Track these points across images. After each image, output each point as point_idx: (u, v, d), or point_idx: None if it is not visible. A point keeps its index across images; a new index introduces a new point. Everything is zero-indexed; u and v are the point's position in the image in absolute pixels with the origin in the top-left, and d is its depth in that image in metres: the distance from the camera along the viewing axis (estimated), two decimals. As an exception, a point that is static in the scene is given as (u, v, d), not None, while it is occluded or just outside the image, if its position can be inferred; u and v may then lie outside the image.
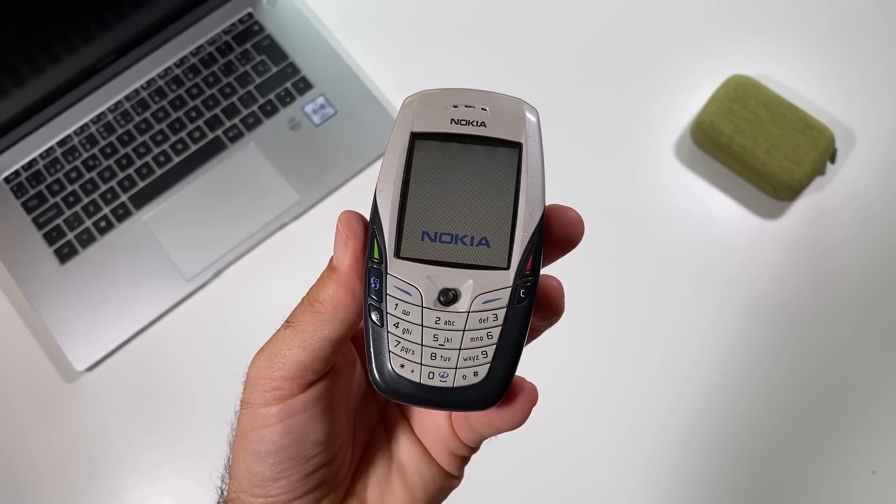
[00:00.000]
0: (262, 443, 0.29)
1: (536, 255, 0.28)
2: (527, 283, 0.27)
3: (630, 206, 0.72)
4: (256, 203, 0.72)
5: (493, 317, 0.27)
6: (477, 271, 0.28)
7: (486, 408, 0.28)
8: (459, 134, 0.28)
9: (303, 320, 0.28)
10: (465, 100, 0.29)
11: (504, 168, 0.28)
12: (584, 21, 0.79)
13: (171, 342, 0.70)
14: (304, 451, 0.29)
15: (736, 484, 0.65)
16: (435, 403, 0.28)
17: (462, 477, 0.34)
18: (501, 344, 0.27)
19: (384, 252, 0.27)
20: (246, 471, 0.30)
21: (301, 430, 0.29)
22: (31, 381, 0.69)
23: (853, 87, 0.75)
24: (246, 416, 0.29)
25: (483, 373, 0.27)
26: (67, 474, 0.67)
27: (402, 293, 0.27)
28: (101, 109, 0.75)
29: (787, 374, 0.67)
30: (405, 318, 0.27)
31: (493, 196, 0.28)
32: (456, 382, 0.27)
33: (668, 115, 0.75)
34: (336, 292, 0.28)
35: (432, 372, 0.27)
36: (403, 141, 0.28)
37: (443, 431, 0.32)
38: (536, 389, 0.29)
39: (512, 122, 0.29)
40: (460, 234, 0.28)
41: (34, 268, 0.71)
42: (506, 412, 0.29)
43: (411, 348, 0.27)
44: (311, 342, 0.28)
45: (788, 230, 0.71)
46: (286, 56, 0.77)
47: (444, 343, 0.27)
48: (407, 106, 0.29)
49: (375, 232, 0.28)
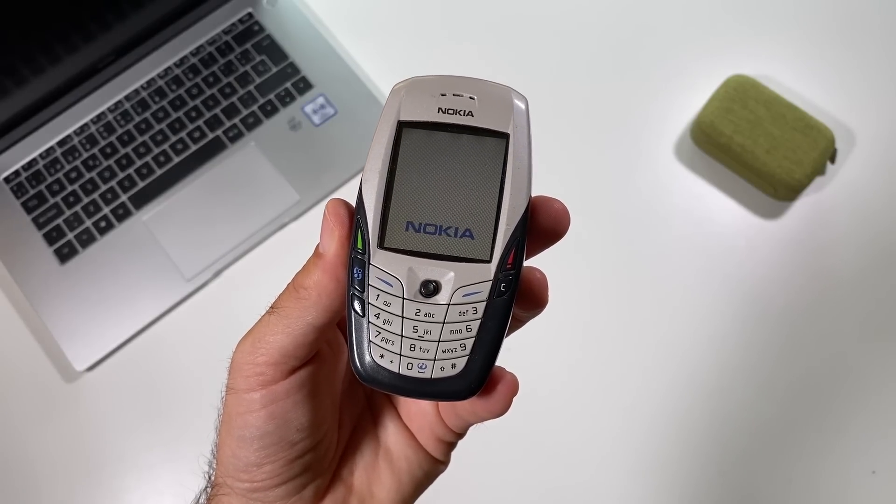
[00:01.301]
0: (247, 428, 0.29)
1: (519, 249, 0.28)
2: (508, 277, 0.27)
3: (630, 206, 0.72)
4: (256, 203, 0.72)
5: (472, 310, 0.27)
6: (458, 264, 0.27)
7: (464, 398, 0.28)
8: (446, 123, 0.28)
9: (287, 306, 0.29)
10: (454, 88, 0.28)
11: (490, 159, 0.28)
12: (584, 21, 0.79)
13: (171, 342, 0.70)
14: (288, 437, 0.29)
15: (735, 484, 0.65)
16: (414, 393, 0.28)
17: (448, 462, 0.34)
18: (480, 337, 0.27)
19: (367, 242, 0.28)
20: (231, 456, 0.30)
21: (285, 416, 0.29)
22: (31, 381, 0.69)
23: (853, 87, 0.75)
24: (231, 402, 0.30)
25: (461, 365, 0.27)
26: (67, 474, 0.67)
27: (384, 284, 0.27)
28: (101, 109, 0.75)
29: (787, 374, 0.67)
30: (386, 309, 0.27)
31: (478, 187, 0.28)
32: (434, 374, 0.28)
33: (668, 115, 0.75)
34: (321, 279, 0.28)
35: (411, 363, 0.28)
36: (390, 129, 0.28)
37: (429, 417, 0.33)
38: (517, 379, 0.30)
39: (500, 112, 0.28)
40: (444, 226, 0.28)
41: (34, 268, 0.71)
42: (487, 402, 0.29)
43: (391, 339, 0.27)
44: (294, 328, 0.28)
45: (788, 230, 0.71)
46: (286, 56, 0.77)
47: (423, 335, 0.27)
48: (395, 93, 0.28)
49: (360, 222, 0.28)
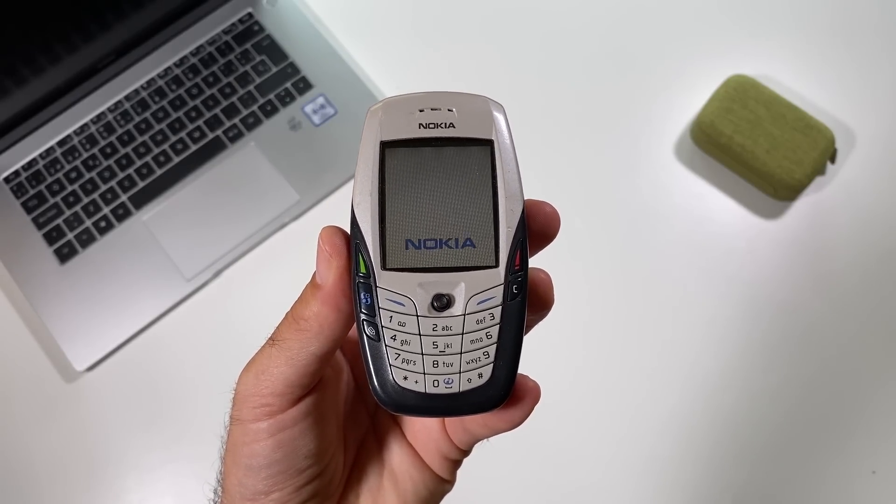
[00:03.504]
0: (254, 457, 0.29)
1: (523, 250, 0.28)
2: (518, 279, 0.27)
3: (630, 206, 0.72)
4: (256, 203, 0.72)
5: (489, 316, 0.27)
6: (467, 273, 0.27)
7: (495, 407, 0.28)
8: (430, 138, 0.28)
9: (288, 338, 0.28)
10: (431, 103, 0.28)
11: (478, 166, 0.28)
12: (584, 21, 0.78)
13: (171, 342, 0.70)
14: (296, 465, 0.29)
15: (735, 484, 0.65)
16: (443, 411, 0.28)
17: (454, 481, 0.34)
18: (501, 342, 0.27)
19: (370, 266, 0.27)
20: (238, 484, 0.30)
21: (292, 444, 0.29)
22: (31, 381, 0.69)
23: (853, 87, 0.75)
24: (236, 432, 0.29)
25: (487, 373, 0.27)
26: (67, 475, 0.67)
27: (396, 304, 0.27)
28: (101, 109, 0.75)
29: (787, 374, 0.67)
30: (402, 330, 0.27)
31: (471, 196, 0.28)
32: (462, 387, 0.27)
33: (668, 115, 0.75)
34: (321, 310, 0.28)
35: (437, 380, 0.27)
36: (374, 151, 0.28)
37: (434, 435, 0.32)
38: (539, 386, 0.29)
39: (480, 120, 0.28)
40: (444, 238, 0.28)
41: (34, 268, 0.71)
42: (508, 411, 0.29)
43: (412, 359, 0.27)
44: (297, 360, 0.28)
45: (788, 230, 0.71)
46: (286, 56, 0.77)
47: (444, 349, 0.27)
48: (372, 115, 0.28)
49: (359, 247, 0.27)
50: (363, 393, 0.34)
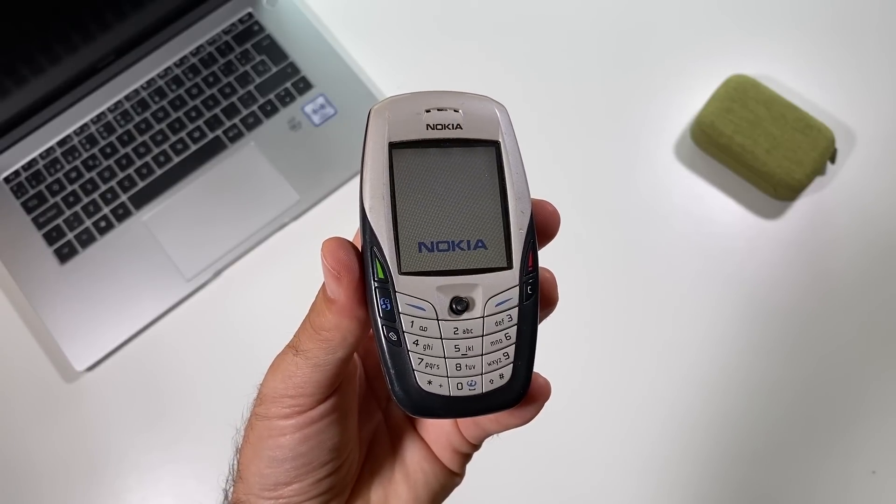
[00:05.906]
0: (279, 450, 0.29)
1: (534, 251, 0.28)
2: (531, 279, 0.28)
3: (630, 206, 0.72)
4: (256, 203, 0.72)
5: (507, 318, 0.27)
6: (483, 275, 0.27)
7: (513, 406, 0.28)
8: (438, 139, 0.28)
9: (312, 348, 0.28)
10: (436, 103, 0.28)
11: (486, 168, 0.28)
12: (584, 21, 0.79)
13: (171, 342, 0.70)
14: (320, 458, 0.30)
15: (735, 484, 0.65)
16: (466, 412, 0.28)
17: (464, 474, 0.35)
18: (519, 343, 0.28)
19: (388, 271, 0.27)
20: (257, 474, 0.30)
21: (318, 438, 0.29)
22: (31, 381, 0.69)
23: (853, 87, 0.75)
24: (261, 427, 0.30)
25: (508, 374, 0.27)
26: (68, 475, 0.67)
27: (416, 309, 0.27)
28: (101, 109, 0.75)
29: (787, 374, 0.67)
30: (423, 334, 0.27)
31: (480, 197, 0.28)
32: (484, 388, 0.27)
33: (668, 115, 0.75)
34: (341, 322, 0.28)
35: (460, 383, 0.27)
36: (383, 153, 0.27)
37: (446, 430, 0.33)
38: (550, 383, 0.30)
39: (486, 121, 0.28)
40: (456, 240, 0.27)
41: (34, 268, 0.71)
42: (522, 409, 0.29)
43: (435, 363, 0.27)
44: (324, 365, 0.28)
45: (788, 230, 0.71)
46: (286, 56, 0.77)
47: (466, 352, 0.27)
48: (377, 114, 0.28)
49: (375, 251, 0.27)
50: (374, 387, 0.35)
